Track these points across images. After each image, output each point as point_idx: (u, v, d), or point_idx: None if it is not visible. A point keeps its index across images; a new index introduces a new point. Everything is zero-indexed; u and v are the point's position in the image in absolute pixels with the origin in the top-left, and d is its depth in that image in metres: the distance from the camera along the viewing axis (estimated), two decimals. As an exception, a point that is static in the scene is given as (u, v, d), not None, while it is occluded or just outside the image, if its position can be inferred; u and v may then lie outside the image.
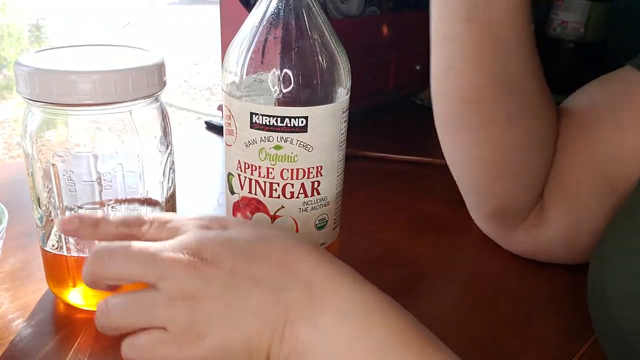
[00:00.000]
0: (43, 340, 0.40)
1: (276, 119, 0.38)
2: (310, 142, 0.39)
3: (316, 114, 0.39)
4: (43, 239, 0.42)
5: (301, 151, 0.39)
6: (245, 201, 0.41)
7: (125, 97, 0.38)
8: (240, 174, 0.41)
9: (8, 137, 2.35)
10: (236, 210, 0.43)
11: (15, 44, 3.03)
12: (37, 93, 0.37)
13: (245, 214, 0.42)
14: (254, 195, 0.41)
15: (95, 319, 0.32)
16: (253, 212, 0.41)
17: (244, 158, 0.40)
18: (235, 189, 0.42)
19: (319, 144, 0.40)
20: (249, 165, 0.40)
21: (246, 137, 0.39)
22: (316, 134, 0.39)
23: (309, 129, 0.39)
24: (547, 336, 0.44)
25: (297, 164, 0.40)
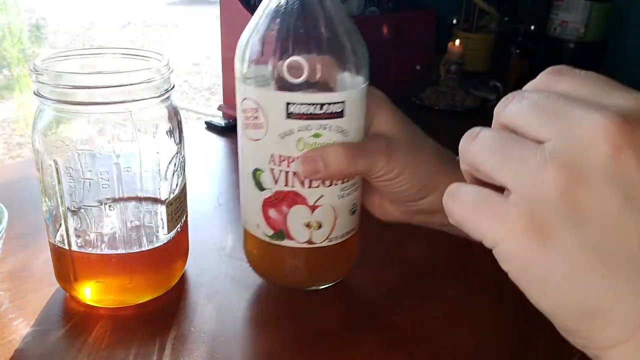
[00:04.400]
0: (43, 340, 0.40)
1: (315, 107, 0.37)
2: (347, 127, 0.39)
3: (351, 98, 0.38)
4: (53, 234, 0.42)
5: (338, 137, 0.39)
6: (281, 195, 0.40)
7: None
8: (273, 167, 0.39)
9: (8, 137, 2.35)
10: (267, 207, 0.41)
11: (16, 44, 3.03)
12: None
13: (280, 208, 0.40)
14: (290, 188, 0.39)
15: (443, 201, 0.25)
16: (290, 206, 0.40)
17: (279, 150, 0.38)
18: (265, 185, 0.40)
19: (352, 128, 0.39)
20: (284, 157, 0.39)
21: (281, 129, 0.38)
22: (351, 119, 0.39)
23: (345, 114, 0.38)
24: (548, 334, 0.44)
25: None
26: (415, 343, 0.42)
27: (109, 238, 0.42)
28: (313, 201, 0.40)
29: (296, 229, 0.41)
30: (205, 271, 0.50)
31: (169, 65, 0.42)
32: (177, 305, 0.45)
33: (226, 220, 0.60)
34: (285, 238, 0.41)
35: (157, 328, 0.42)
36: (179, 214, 0.45)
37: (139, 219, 0.43)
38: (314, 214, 0.41)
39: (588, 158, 0.21)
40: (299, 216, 0.40)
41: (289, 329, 0.43)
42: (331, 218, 0.41)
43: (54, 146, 0.39)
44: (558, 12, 1.05)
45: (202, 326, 0.43)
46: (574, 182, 0.21)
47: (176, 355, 0.40)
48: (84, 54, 0.44)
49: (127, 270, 0.43)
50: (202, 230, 0.56)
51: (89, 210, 0.42)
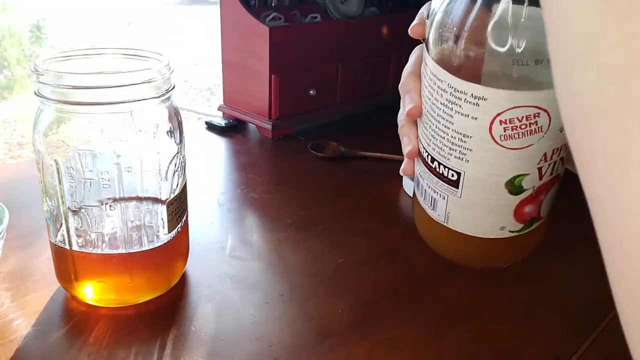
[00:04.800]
0: (44, 340, 0.40)
1: None
2: None
3: None
4: (53, 233, 0.43)
5: None
6: (542, 188, 0.38)
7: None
8: (542, 165, 0.36)
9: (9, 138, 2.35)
10: (524, 205, 0.38)
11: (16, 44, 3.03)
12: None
13: (538, 200, 0.38)
14: (554, 174, 0.37)
15: None
16: (548, 190, 0.38)
17: (555, 144, 0.36)
18: (527, 186, 0.37)
19: None
20: (558, 148, 0.36)
21: (560, 123, 0.35)
22: None
23: None
24: (547, 333, 0.44)
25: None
26: (415, 343, 0.42)
27: (109, 238, 0.42)
28: (562, 173, 0.39)
29: (545, 207, 0.39)
30: (206, 271, 0.50)
31: (170, 65, 0.42)
32: (177, 304, 0.45)
33: (226, 220, 0.61)
34: (535, 222, 0.39)
35: (158, 327, 0.42)
36: (179, 213, 0.45)
37: (140, 218, 0.43)
38: (559, 185, 0.39)
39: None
40: (552, 194, 0.39)
41: (289, 328, 0.43)
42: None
43: (55, 146, 0.39)
44: (558, 12, 1.05)
45: (202, 326, 0.43)
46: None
47: (176, 354, 0.40)
48: (84, 54, 0.44)
49: (127, 269, 0.43)
50: (203, 230, 0.56)
51: (90, 210, 0.42)
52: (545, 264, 0.52)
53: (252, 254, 0.53)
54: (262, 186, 0.67)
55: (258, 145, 0.82)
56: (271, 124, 0.82)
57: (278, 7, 0.85)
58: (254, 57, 0.80)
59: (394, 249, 0.55)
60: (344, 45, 0.87)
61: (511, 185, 0.37)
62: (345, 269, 0.51)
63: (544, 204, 0.39)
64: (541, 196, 0.38)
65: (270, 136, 0.82)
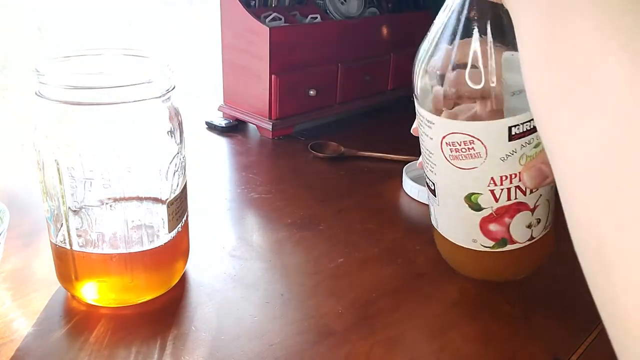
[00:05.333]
0: (44, 339, 0.40)
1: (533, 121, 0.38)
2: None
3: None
4: (54, 233, 0.43)
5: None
6: (503, 210, 0.41)
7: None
8: (493, 189, 0.40)
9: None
10: (487, 223, 0.42)
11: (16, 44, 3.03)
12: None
13: (502, 221, 0.42)
14: (513, 200, 0.41)
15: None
16: (513, 215, 0.41)
17: (501, 172, 0.39)
18: (484, 205, 0.41)
19: None
20: (507, 176, 0.39)
21: (503, 152, 0.38)
22: None
23: None
24: (547, 333, 0.44)
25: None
26: (415, 343, 0.42)
27: (110, 238, 0.43)
28: (534, 204, 0.41)
29: (519, 233, 0.42)
30: (206, 270, 0.50)
31: (170, 65, 0.42)
32: (177, 304, 0.45)
33: (227, 220, 0.61)
34: (508, 244, 0.43)
35: (158, 327, 0.42)
36: (179, 213, 0.45)
37: (140, 218, 0.43)
38: (534, 214, 0.42)
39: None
40: (522, 221, 0.42)
41: (289, 328, 0.43)
42: (547, 209, 0.43)
43: (56, 146, 0.39)
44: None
45: (203, 325, 0.43)
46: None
47: (177, 354, 0.40)
48: (84, 54, 0.44)
49: (128, 269, 0.43)
50: (203, 230, 0.56)
51: (90, 210, 0.42)
52: (545, 264, 0.52)
53: (252, 254, 0.53)
54: (262, 186, 0.67)
55: (258, 145, 0.82)
56: (271, 124, 0.82)
57: (278, 7, 0.85)
58: (254, 57, 0.80)
59: (394, 249, 0.55)
60: (344, 45, 0.87)
61: (470, 201, 0.42)
62: (345, 268, 0.51)
63: (515, 229, 0.42)
64: (505, 218, 0.41)
65: (270, 136, 0.82)
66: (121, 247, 0.42)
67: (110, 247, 0.42)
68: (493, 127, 0.38)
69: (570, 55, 0.22)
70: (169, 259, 0.46)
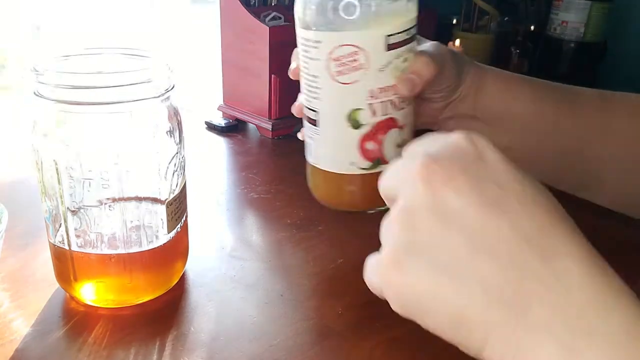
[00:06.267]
0: (43, 340, 0.40)
1: (407, 33, 0.41)
2: (415, 48, 0.44)
3: (415, 21, 0.43)
4: (53, 234, 0.42)
5: (412, 56, 0.43)
6: (380, 125, 0.43)
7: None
8: (372, 102, 0.42)
9: (8, 138, 2.35)
10: (365, 141, 0.44)
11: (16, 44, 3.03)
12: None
13: (376, 138, 0.44)
14: (388, 115, 0.43)
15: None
16: (386, 132, 0.44)
17: (379, 84, 0.42)
18: (363, 120, 0.43)
19: (416, 49, 0.44)
20: (384, 88, 0.42)
21: (381, 62, 0.41)
22: (416, 41, 0.44)
23: (416, 37, 0.43)
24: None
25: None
26: (415, 343, 0.42)
27: (109, 238, 0.42)
28: (402, 122, 0.44)
29: (390, 152, 0.44)
30: (206, 271, 0.50)
31: (169, 64, 0.42)
32: (177, 305, 0.45)
33: (226, 220, 0.60)
34: (381, 164, 0.44)
35: (157, 328, 0.42)
36: (179, 213, 0.45)
37: (139, 219, 0.43)
38: (401, 133, 0.44)
39: (415, 196, 0.27)
40: (393, 139, 0.44)
41: (289, 328, 0.43)
42: (411, 132, 0.46)
43: (54, 146, 0.39)
44: (558, 12, 1.05)
45: (202, 326, 0.43)
46: (409, 219, 0.27)
47: (176, 355, 0.40)
48: (84, 53, 0.44)
49: (127, 270, 0.43)
50: (202, 230, 0.56)
51: (89, 210, 0.42)
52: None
53: (252, 254, 0.53)
54: (262, 186, 0.67)
55: (258, 145, 0.82)
56: (271, 124, 0.82)
57: (278, 6, 0.85)
58: (254, 57, 0.80)
59: (394, 249, 0.55)
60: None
61: (350, 119, 0.43)
62: (345, 269, 0.51)
63: (387, 148, 0.44)
64: (379, 135, 0.44)
65: (270, 136, 0.82)
66: (120, 247, 0.42)
67: (109, 248, 0.42)
68: (374, 35, 0.41)
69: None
70: (168, 260, 0.46)
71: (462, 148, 0.28)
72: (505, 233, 0.25)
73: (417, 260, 0.26)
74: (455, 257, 0.25)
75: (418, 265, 0.26)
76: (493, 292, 0.24)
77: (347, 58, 0.41)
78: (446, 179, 0.26)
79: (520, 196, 0.26)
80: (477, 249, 0.25)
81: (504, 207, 0.25)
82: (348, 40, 0.41)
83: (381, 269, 0.28)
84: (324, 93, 0.43)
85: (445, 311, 0.26)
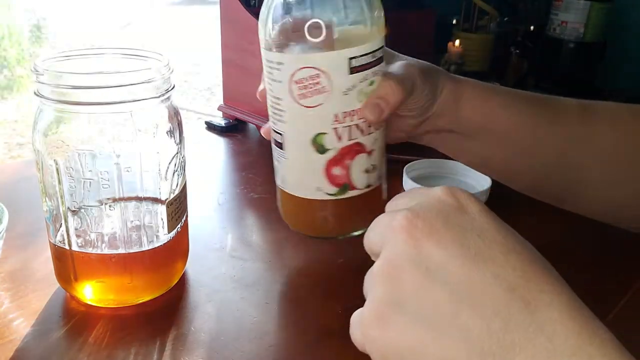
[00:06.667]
0: (43, 340, 0.40)
1: (370, 56, 0.40)
2: (383, 70, 0.42)
3: (382, 43, 0.42)
4: (53, 234, 0.42)
5: (379, 79, 0.42)
6: (346, 150, 0.42)
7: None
8: (337, 127, 0.41)
9: (8, 137, 2.35)
10: (331, 166, 0.43)
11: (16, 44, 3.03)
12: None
13: (343, 163, 0.43)
14: (355, 140, 0.42)
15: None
16: (353, 157, 0.43)
17: (343, 108, 0.41)
18: (328, 145, 0.42)
19: (384, 71, 0.43)
20: (349, 113, 0.41)
21: (344, 86, 0.40)
22: (384, 63, 0.43)
23: (383, 59, 0.42)
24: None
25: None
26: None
27: (109, 238, 0.42)
28: (370, 147, 0.43)
29: (358, 177, 0.43)
30: (206, 271, 0.50)
31: (169, 65, 0.42)
32: (177, 305, 0.45)
33: (226, 220, 0.60)
34: (349, 190, 0.44)
35: (157, 328, 0.42)
36: (179, 213, 0.45)
37: (139, 219, 0.43)
38: (370, 158, 0.43)
39: (397, 250, 0.27)
40: (360, 164, 0.43)
41: (289, 329, 0.43)
42: (381, 157, 0.45)
43: (55, 146, 0.39)
44: (558, 12, 1.05)
45: (202, 326, 0.43)
46: (392, 272, 0.27)
47: (176, 355, 0.40)
48: (84, 54, 0.44)
49: (127, 270, 0.43)
50: (202, 230, 0.56)
51: (90, 210, 0.42)
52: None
53: (252, 254, 0.53)
54: (262, 186, 0.67)
55: (258, 145, 0.82)
56: (271, 124, 0.82)
57: (278, 7, 0.85)
58: (254, 57, 0.80)
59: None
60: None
61: (315, 143, 0.42)
62: (345, 269, 0.51)
63: (355, 173, 0.43)
64: (346, 160, 0.43)
65: (270, 136, 0.82)
66: (120, 247, 0.42)
67: (110, 248, 0.42)
68: (336, 57, 0.40)
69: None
70: (169, 260, 0.46)
71: (443, 201, 0.28)
72: (488, 284, 0.25)
73: (400, 316, 0.26)
74: (438, 310, 0.26)
75: (401, 320, 0.26)
76: (476, 343, 0.24)
77: (309, 81, 0.40)
78: (429, 233, 0.26)
79: (502, 247, 0.26)
80: (461, 301, 0.25)
81: (487, 258, 0.26)
82: (310, 63, 0.40)
83: (364, 324, 0.28)
84: (288, 116, 0.42)
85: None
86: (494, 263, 0.25)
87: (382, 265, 0.28)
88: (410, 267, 0.26)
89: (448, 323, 0.25)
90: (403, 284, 0.26)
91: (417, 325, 0.26)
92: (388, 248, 0.28)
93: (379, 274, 0.28)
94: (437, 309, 0.25)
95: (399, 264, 0.27)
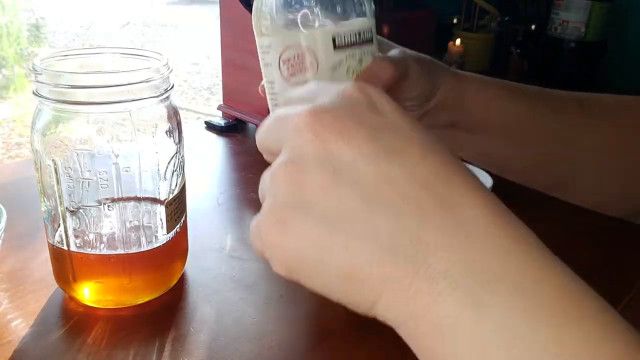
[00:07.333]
0: (42, 340, 0.40)
1: (361, 34, 0.41)
2: (375, 53, 0.42)
3: (374, 26, 0.42)
4: (51, 234, 0.42)
5: (369, 58, 0.42)
6: None
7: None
8: None
9: (7, 137, 2.35)
10: None
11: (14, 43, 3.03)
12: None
13: None
14: None
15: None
16: None
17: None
18: None
19: (376, 53, 0.43)
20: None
21: (330, 62, 0.40)
22: (375, 45, 0.43)
23: (373, 41, 0.42)
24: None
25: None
26: (415, 344, 0.42)
27: (108, 238, 0.42)
28: None
29: None
30: (205, 271, 0.50)
31: (169, 65, 0.42)
32: (176, 305, 0.45)
33: (226, 220, 0.60)
34: None
35: (157, 328, 0.42)
36: (178, 214, 0.45)
37: (138, 219, 0.43)
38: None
39: (302, 148, 0.24)
40: None
41: (289, 329, 0.43)
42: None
43: (53, 146, 0.39)
44: (558, 12, 1.05)
45: (202, 326, 0.43)
46: (296, 173, 0.24)
47: (175, 355, 0.40)
48: (83, 53, 0.44)
49: (126, 270, 0.43)
50: (202, 230, 0.56)
51: (88, 210, 0.42)
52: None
53: (251, 254, 0.53)
54: (261, 186, 0.67)
55: (257, 145, 0.82)
56: (271, 123, 0.81)
57: (278, 6, 0.85)
58: (254, 57, 0.79)
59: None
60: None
61: None
62: (345, 269, 0.51)
63: None
64: None
65: (269, 136, 0.82)
66: (119, 247, 0.42)
67: (108, 248, 0.42)
68: (319, 34, 0.40)
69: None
70: (168, 260, 0.46)
71: (355, 98, 0.26)
72: (403, 181, 0.23)
73: (302, 219, 0.24)
74: (346, 211, 0.23)
75: (303, 224, 0.24)
76: (386, 243, 0.23)
77: (296, 59, 0.41)
78: (338, 131, 0.24)
79: (419, 145, 0.24)
80: (371, 201, 0.23)
81: (403, 155, 0.24)
82: (294, 41, 0.40)
83: (262, 230, 0.26)
84: (280, 98, 0.43)
85: (333, 269, 0.24)
86: (410, 161, 0.23)
87: (284, 164, 0.25)
88: (315, 167, 0.24)
89: (357, 224, 0.23)
90: (307, 185, 0.24)
91: (321, 228, 0.24)
92: (290, 147, 0.25)
93: (279, 174, 0.25)
94: (345, 209, 0.23)
95: (303, 164, 0.24)
